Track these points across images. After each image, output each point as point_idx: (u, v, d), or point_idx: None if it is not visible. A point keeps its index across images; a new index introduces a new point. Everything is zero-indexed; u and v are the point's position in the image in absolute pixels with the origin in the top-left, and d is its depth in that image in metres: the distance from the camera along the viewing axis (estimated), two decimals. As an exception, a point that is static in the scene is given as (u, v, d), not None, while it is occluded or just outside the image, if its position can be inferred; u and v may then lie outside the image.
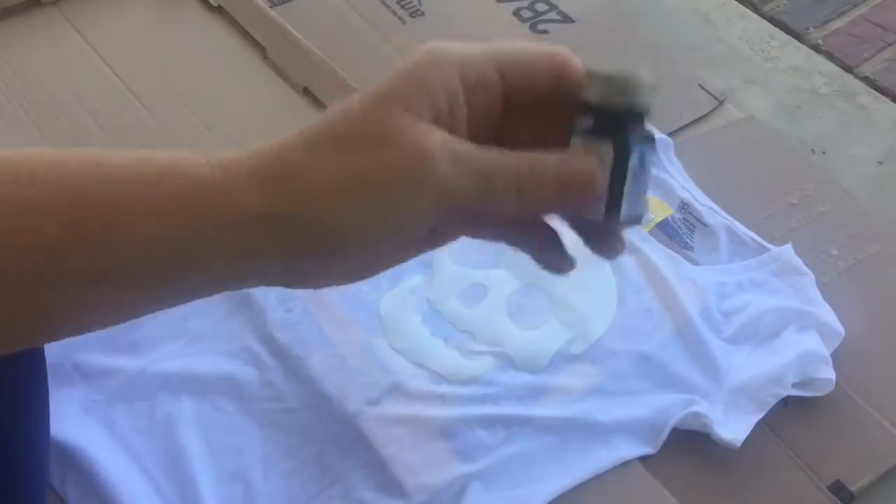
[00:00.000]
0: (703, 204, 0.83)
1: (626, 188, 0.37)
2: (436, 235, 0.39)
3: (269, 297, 0.71)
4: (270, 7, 0.96)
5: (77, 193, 0.35)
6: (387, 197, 0.35)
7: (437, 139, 0.35)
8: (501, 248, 0.48)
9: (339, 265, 0.37)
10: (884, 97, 1.01)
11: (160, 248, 0.35)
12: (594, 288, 0.75)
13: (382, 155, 0.34)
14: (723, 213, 0.83)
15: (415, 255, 0.39)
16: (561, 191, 0.36)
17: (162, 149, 0.37)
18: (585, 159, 0.36)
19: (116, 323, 0.39)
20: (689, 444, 0.68)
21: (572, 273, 0.41)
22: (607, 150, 0.37)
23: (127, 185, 0.35)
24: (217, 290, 0.38)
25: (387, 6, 1.01)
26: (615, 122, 0.37)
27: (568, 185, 0.36)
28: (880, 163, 0.94)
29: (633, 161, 0.37)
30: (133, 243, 0.35)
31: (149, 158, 0.36)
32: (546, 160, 0.36)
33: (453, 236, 0.40)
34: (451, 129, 0.36)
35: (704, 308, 0.74)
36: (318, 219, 0.35)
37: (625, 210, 0.37)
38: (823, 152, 0.94)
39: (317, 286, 0.39)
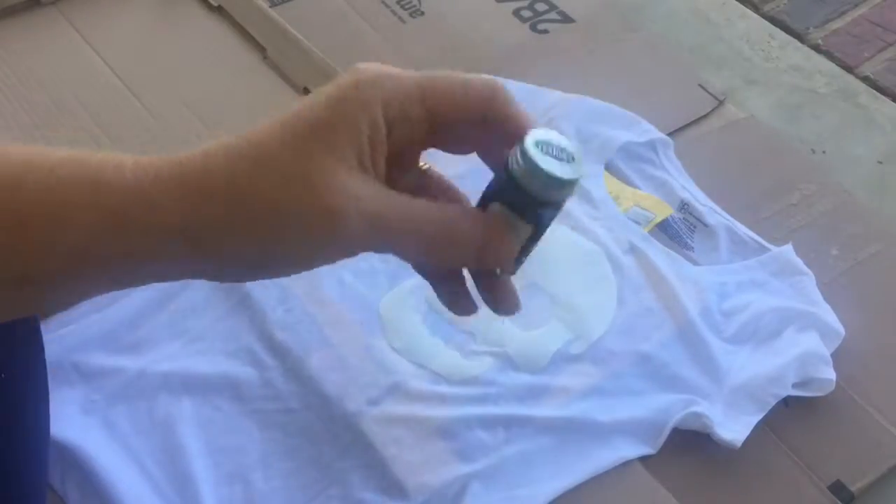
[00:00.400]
0: (703, 204, 0.83)
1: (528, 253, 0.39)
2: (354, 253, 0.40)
3: (268, 297, 0.71)
4: (270, 7, 0.96)
5: (12, 193, 0.35)
6: (298, 240, 0.36)
7: (351, 194, 0.35)
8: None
9: (262, 273, 0.39)
10: (884, 97, 1.01)
11: (87, 254, 0.36)
12: (594, 288, 0.75)
13: (300, 199, 0.35)
14: (723, 213, 0.83)
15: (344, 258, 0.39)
16: (478, 260, 0.38)
17: (94, 151, 0.38)
18: (507, 240, 0.38)
19: (44, 313, 0.41)
20: (689, 444, 0.68)
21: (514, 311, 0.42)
22: (524, 229, 0.38)
23: (55, 192, 0.36)
24: (141, 284, 0.39)
25: (387, 6, 1.01)
26: (535, 208, 0.37)
27: (485, 259, 0.38)
28: (880, 163, 0.94)
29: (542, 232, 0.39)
30: (68, 246, 0.36)
31: (79, 162, 0.37)
32: (465, 233, 0.37)
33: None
34: (373, 161, 0.37)
35: (705, 308, 0.74)
36: (236, 244, 0.36)
37: (525, 258, 0.39)
38: (823, 152, 0.94)
39: (244, 281, 0.40)
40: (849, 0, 1.13)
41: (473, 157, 0.41)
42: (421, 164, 0.42)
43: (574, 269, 0.76)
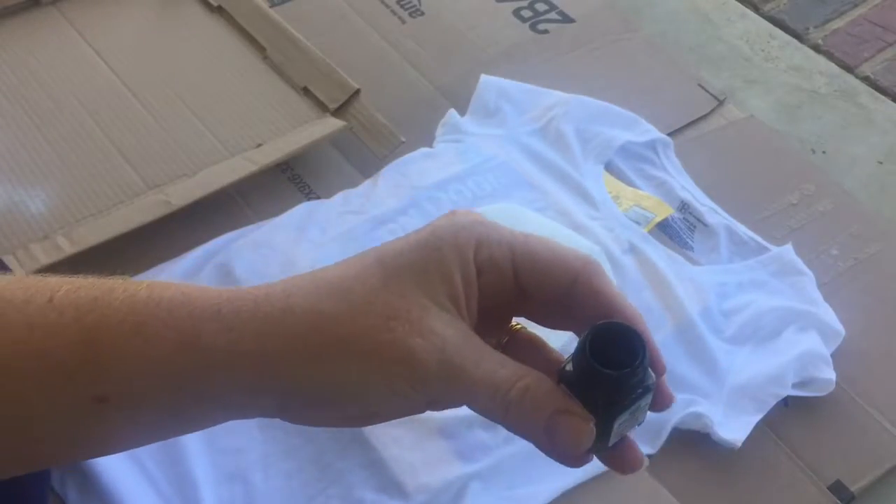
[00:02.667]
0: (703, 204, 0.83)
1: (613, 432, 0.36)
2: (431, 405, 0.38)
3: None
4: (270, 7, 0.96)
5: (90, 315, 0.35)
6: (374, 376, 0.35)
7: (437, 336, 0.35)
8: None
9: (330, 413, 0.37)
10: (884, 97, 1.01)
11: (163, 371, 0.35)
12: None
13: (383, 336, 0.34)
14: (723, 213, 0.83)
15: (416, 413, 0.38)
16: (545, 437, 0.36)
17: (171, 284, 0.37)
18: (576, 424, 0.35)
19: (113, 452, 0.40)
20: (689, 444, 0.68)
21: None
22: (591, 419, 0.35)
23: (136, 309, 0.35)
24: (210, 423, 0.38)
25: (387, 6, 1.01)
26: (595, 403, 0.35)
27: (552, 439, 0.36)
28: (880, 163, 0.94)
29: (625, 414, 0.36)
30: (139, 364, 0.35)
31: (159, 286, 0.36)
32: (542, 402, 0.35)
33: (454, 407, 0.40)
34: (467, 304, 0.36)
35: (705, 308, 0.74)
36: (309, 375, 0.35)
37: (611, 442, 0.36)
38: (823, 152, 0.94)
39: (314, 425, 0.39)
40: (849, 0, 1.13)
41: (471, 159, 0.41)
42: (513, 323, 0.41)
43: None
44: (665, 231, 0.82)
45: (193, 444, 0.64)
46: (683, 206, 0.83)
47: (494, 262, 0.37)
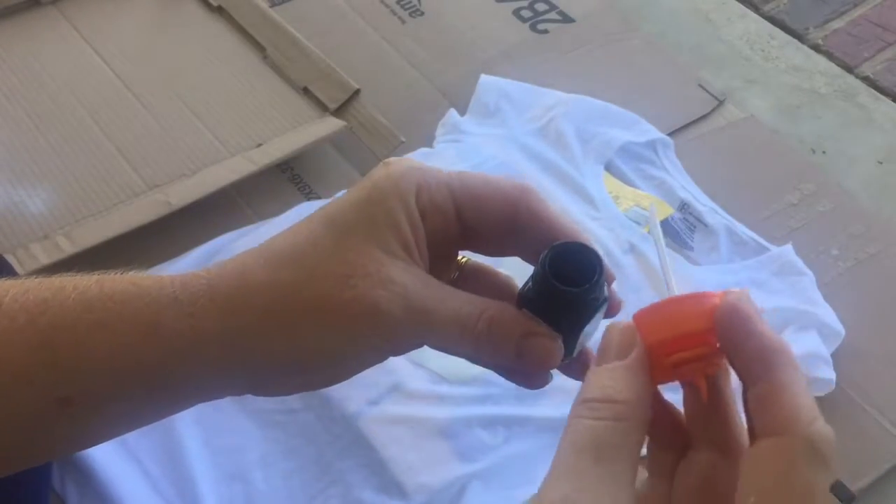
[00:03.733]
0: (703, 204, 0.83)
1: (577, 345, 0.38)
2: (396, 352, 0.39)
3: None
4: (270, 7, 0.96)
5: (43, 317, 0.35)
6: (343, 335, 0.35)
7: (396, 283, 0.35)
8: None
9: (300, 379, 0.38)
10: (884, 97, 1.01)
11: (127, 365, 0.35)
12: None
13: (344, 294, 0.35)
14: (723, 213, 0.83)
15: (380, 362, 0.39)
16: (517, 361, 0.37)
17: (121, 271, 0.37)
18: (545, 343, 0.37)
19: (84, 448, 0.39)
20: (689, 444, 0.68)
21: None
22: (556, 335, 0.37)
23: (91, 306, 0.35)
24: (180, 408, 0.38)
25: (387, 6, 1.01)
26: (558, 319, 0.37)
27: (524, 362, 0.37)
28: (880, 163, 0.94)
29: (586, 327, 0.37)
30: (101, 361, 0.35)
31: (110, 280, 0.36)
32: (509, 329, 0.36)
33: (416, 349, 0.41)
34: (418, 248, 0.37)
35: (704, 308, 0.74)
36: (278, 346, 0.36)
37: (575, 353, 0.39)
38: (823, 152, 0.94)
39: (284, 394, 0.39)
40: (849, 0, 1.13)
41: (471, 159, 0.41)
42: (459, 258, 0.41)
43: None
44: (665, 231, 0.82)
45: (193, 443, 0.64)
46: (683, 206, 0.83)
47: (436, 205, 0.37)
